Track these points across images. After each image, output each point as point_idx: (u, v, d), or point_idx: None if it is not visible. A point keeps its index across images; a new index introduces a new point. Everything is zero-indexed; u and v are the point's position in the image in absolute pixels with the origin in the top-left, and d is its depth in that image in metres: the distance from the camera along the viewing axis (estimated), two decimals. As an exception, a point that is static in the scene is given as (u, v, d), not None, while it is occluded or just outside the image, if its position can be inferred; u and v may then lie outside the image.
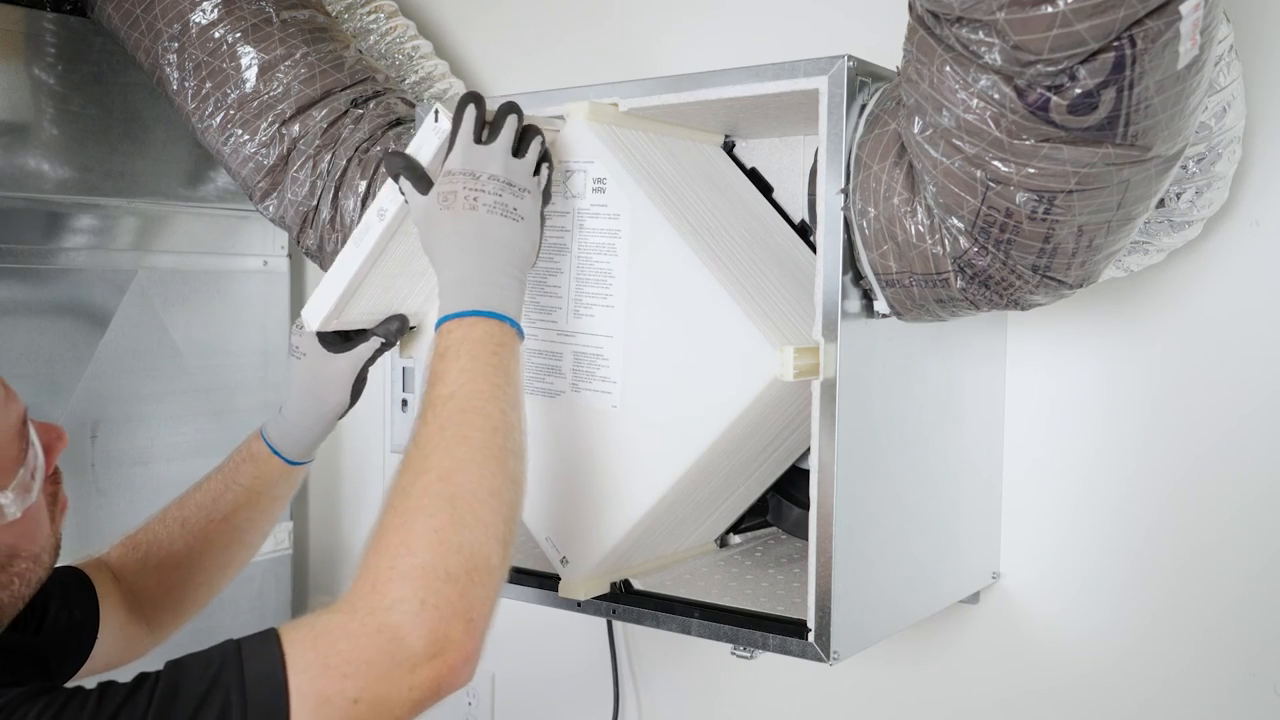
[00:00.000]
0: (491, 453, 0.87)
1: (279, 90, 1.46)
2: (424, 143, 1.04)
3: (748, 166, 1.33)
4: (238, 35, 1.45)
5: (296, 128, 1.47)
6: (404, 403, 1.78)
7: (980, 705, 1.39)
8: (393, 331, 1.18)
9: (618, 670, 1.62)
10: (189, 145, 1.75)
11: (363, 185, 1.46)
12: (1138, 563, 1.28)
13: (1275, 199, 1.19)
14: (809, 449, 1.06)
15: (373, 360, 1.18)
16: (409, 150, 1.04)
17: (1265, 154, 1.19)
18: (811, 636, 1.04)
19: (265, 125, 1.47)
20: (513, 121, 1.01)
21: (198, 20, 1.46)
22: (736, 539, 1.35)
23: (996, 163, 0.88)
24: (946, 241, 0.97)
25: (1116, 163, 0.85)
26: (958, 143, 0.89)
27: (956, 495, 1.27)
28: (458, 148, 1.00)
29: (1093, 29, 0.77)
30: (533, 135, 1.03)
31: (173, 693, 0.75)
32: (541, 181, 1.03)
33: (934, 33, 0.87)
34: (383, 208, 1.09)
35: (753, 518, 1.37)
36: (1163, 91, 0.82)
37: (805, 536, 1.08)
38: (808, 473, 1.05)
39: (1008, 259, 0.94)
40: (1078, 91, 0.81)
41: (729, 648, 1.14)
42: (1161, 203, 1.08)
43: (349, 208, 1.47)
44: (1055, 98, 0.82)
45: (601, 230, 1.11)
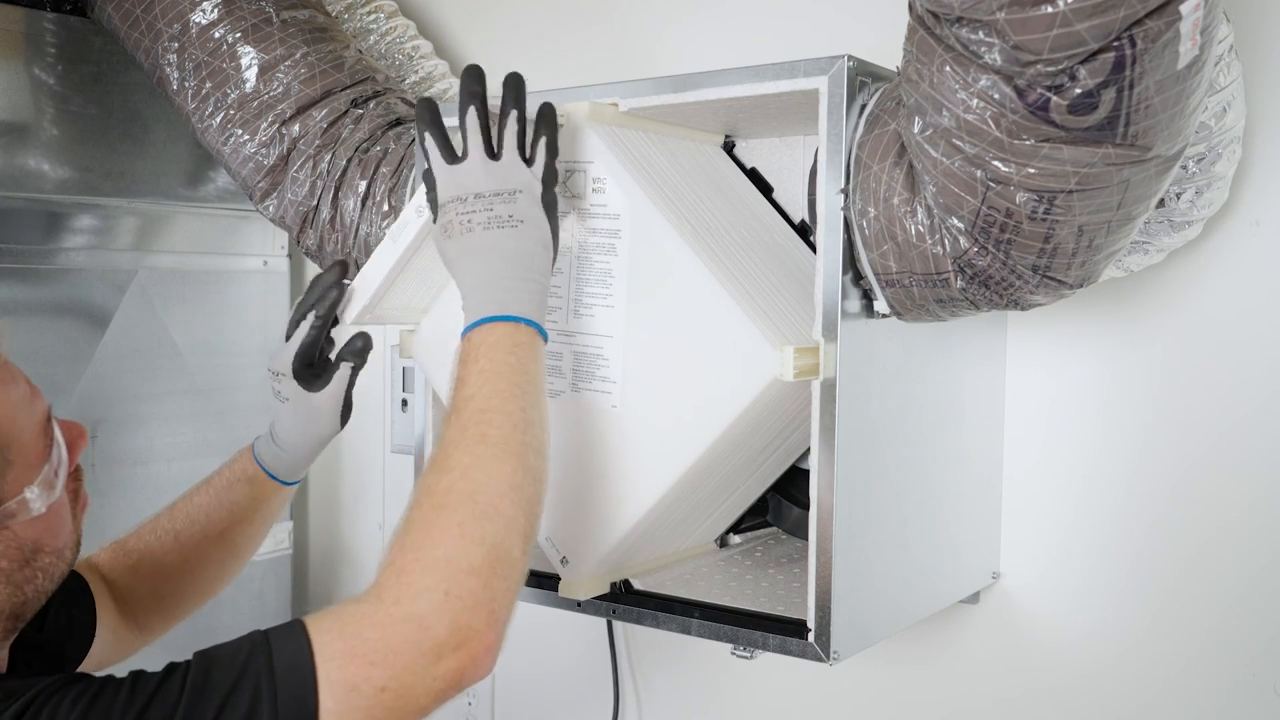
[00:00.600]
0: (511, 448, 0.88)
1: (279, 90, 1.46)
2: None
3: (748, 166, 1.33)
4: (238, 35, 1.45)
5: (296, 128, 1.47)
6: (404, 403, 1.78)
7: (980, 705, 1.39)
8: (358, 351, 1.17)
9: (618, 670, 1.62)
10: (189, 145, 1.75)
11: (363, 185, 1.46)
12: (1138, 562, 1.28)
13: (1275, 199, 1.19)
14: (809, 449, 1.06)
15: (351, 383, 1.19)
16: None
17: (1265, 154, 1.19)
18: (811, 636, 1.04)
19: (265, 125, 1.47)
20: (474, 123, 1.01)
21: (198, 20, 1.46)
22: (736, 539, 1.35)
23: (996, 163, 0.88)
24: (946, 241, 0.97)
25: (1116, 163, 0.85)
26: (958, 143, 0.89)
27: (956, 495, 1.27)
28: (437, 177, 1.02)
29: (1093, 29, 0.77)
30: (505, 123, 1.01)
31: (204, 681, 0.76)
32: (537, 168, 1.01)
33: (934, 33, 0.87)
34: (420, 205, 1.11)
35: (753, 518, 1.37)
36: (1163, 91, 0.82)
37: (805, 536, 1.08)
38: (808, 473, 1.05)
39: (1008, 259, 0.94)
40: (1078, 91, 0.81)
41: (729, 648, 1.14)
42: (1161, 203, 1.08)
43: (349, 208, 1.47)
44: (1055, 98, 0.82)
45: (601, 230, 1.11)
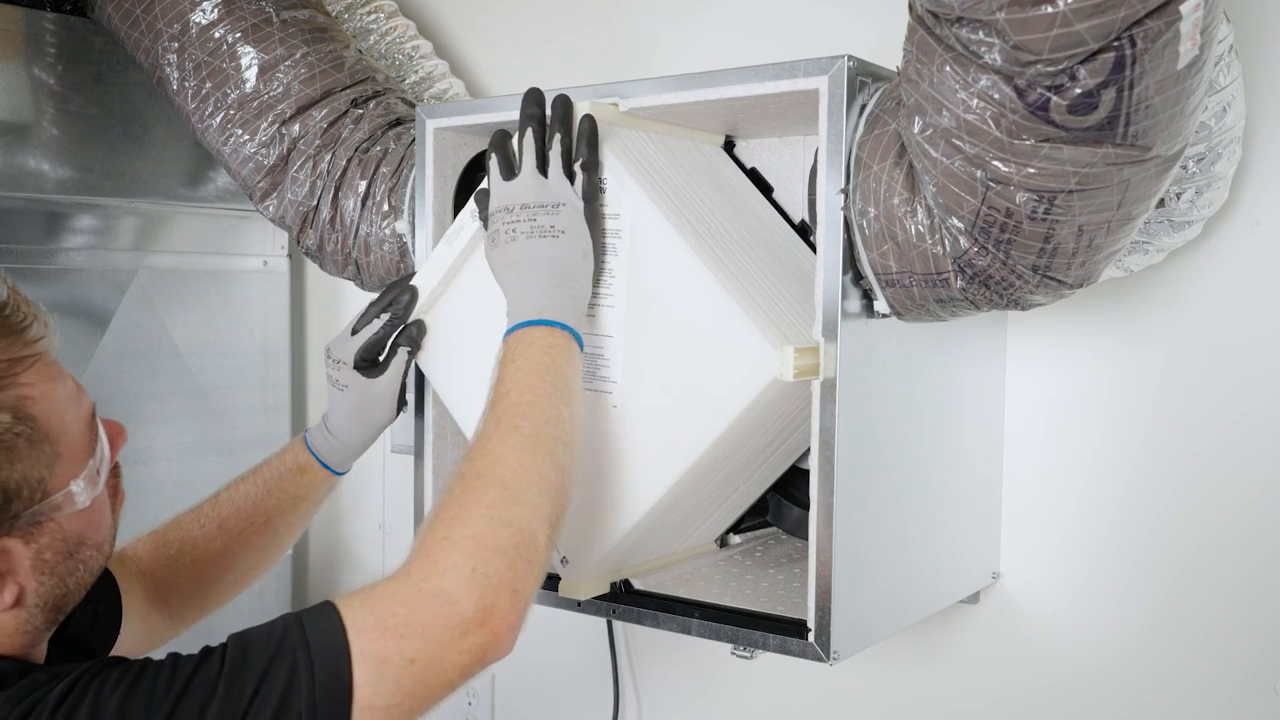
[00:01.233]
0: (542, 441, 0.93)
1: (279, 90, 1.46)
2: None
3: (748, 166, 1.33)
4: (238, 35, 1.45)
5: (296, 128, 1.47)
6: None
7: (980, 705, 1.39)
8: (414, 338, 1.21)
9: (618, 670, 1.62)
10: (189, 145, 1.75)
11: (363, 185, 1.46)
12: (1138, 563, 1.28)
13: (1275, 199, 1.19)
14: (809, 449, 1.06)
15: (408, 369, 1.23)
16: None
17: (1265, 154, 1.19)
18: (811, 636, 1.04)
19: (265, 125, 1.47)
20: (529, 143, 1.07)
21: (198, 20, 1.46)
22: (736, 539, 1.35)
23: (996, 163, 0.88)
24: (946, 241, 0.97)
25: (1116, 163, 0.85)
26: (958, 143, 0.89)
27: (956, 495, 1.27)
28: (492, 190, 1.09)
29: (1093, 29, 0.77)
30: (551, 143, 1.07)
31: (241, 659, 0.79)
32: (579, 184, 1.07)
33: (934, 33, 0.87)
34: (475, 209, 1.16)
35: (753, 518, 1.37)
36: (1163, 91, 0.82)
37: (805, 536, 1.08)
38: (808, 473, 1.05)
39: (1008, 259, 0.94)
40: (1078, 91, 0.81)
41: (729, 648, 1.14)
42: (1161, 203, 1.08)
43: (349, 208, 1.47)
44: (1055, 98, 0.82)
45: (602, 230, 1.11)
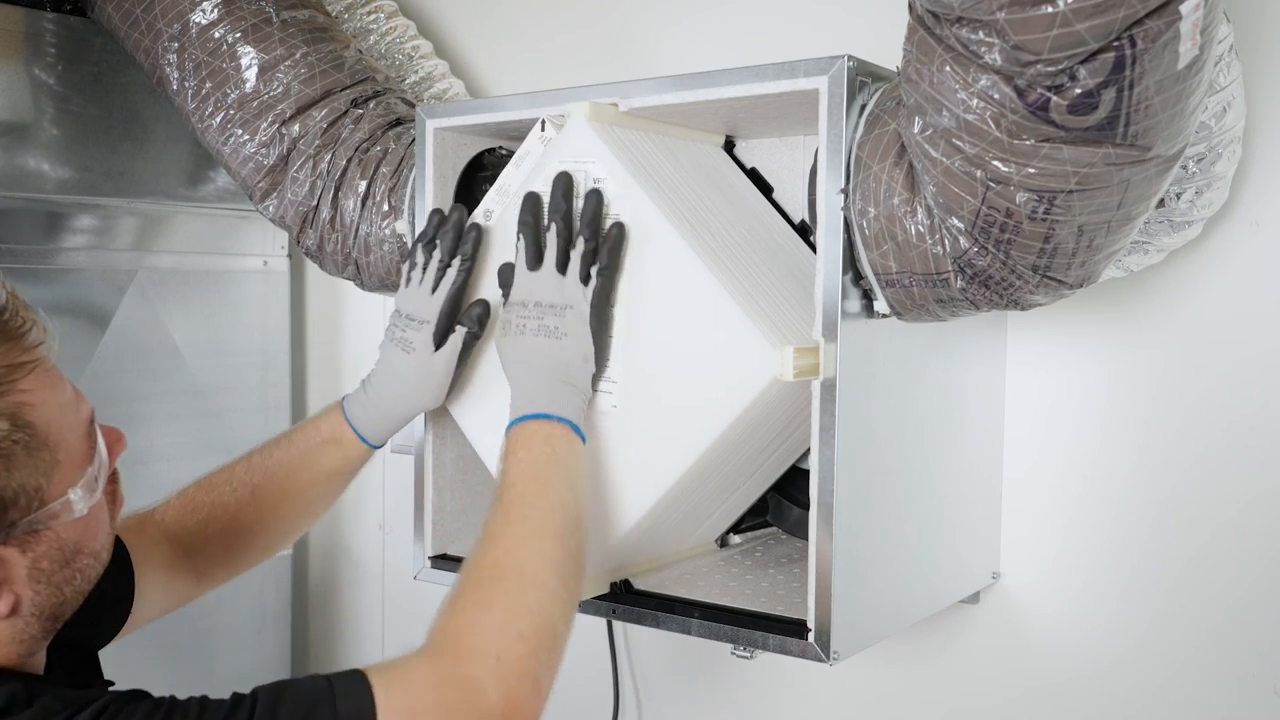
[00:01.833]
0: (550, 529, 0.96)
1: (279, 90, 1.46)
2: (528, 151, 1.22)
3: (748, 166, 1.33)
4: (238, 35, 1.45)
5: (296, 128, 1.47)
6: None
7: (980, 705, 1.39)
8: (477, 319, 1.17)
9: (618, 670, 1.62)
10: (189, 145, 1.75)
11: (363, 185, 1.46)
12: (1138, 562, 1.28)
13: (1275, 199, 1.19)
14: (809, 449, 1.06)
15: (465, 354, 1.19)
16: (515, 157, 1.23)
17: (1265, 154, 1.19)
18: (811, 636, 1.04)
19: (265, 125, 1.47)
20: (553, 240, 1.09)
21: (198, 20, 1.46)
22: (736, 539, 1.35)
23: (996, 163, 0.88)
24: (946, 241, 0.97)
25: (1116, 163, 0.85)
26: (958, 143, 0.89)
27: (956, 495, 1.27)
28: (516, 278, 1.12)
29: (1093, 29, 0.77)
30: (576, 243, 1.09)
31: (270, 717, 0.79)
32: (590, 289, 1.08)
33: (934, 33, 0.87)
34: (489, 210, 1.21)
35: (753, 518, 1.37)
36: (1163, 91, 0.82)
37: (805, 536, 1.08)
38: (808, 473, 1.05)
39: (1008, 259, 0.94)
40: (1078, 91, 0.81)
41: (729, 648, 1.14)
42: (1161, 203, 1.08)
43: (349, 208, 1.47)
44: (1055, 98, 0.82)
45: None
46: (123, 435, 0.92)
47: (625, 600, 1.18)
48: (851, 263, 1.03)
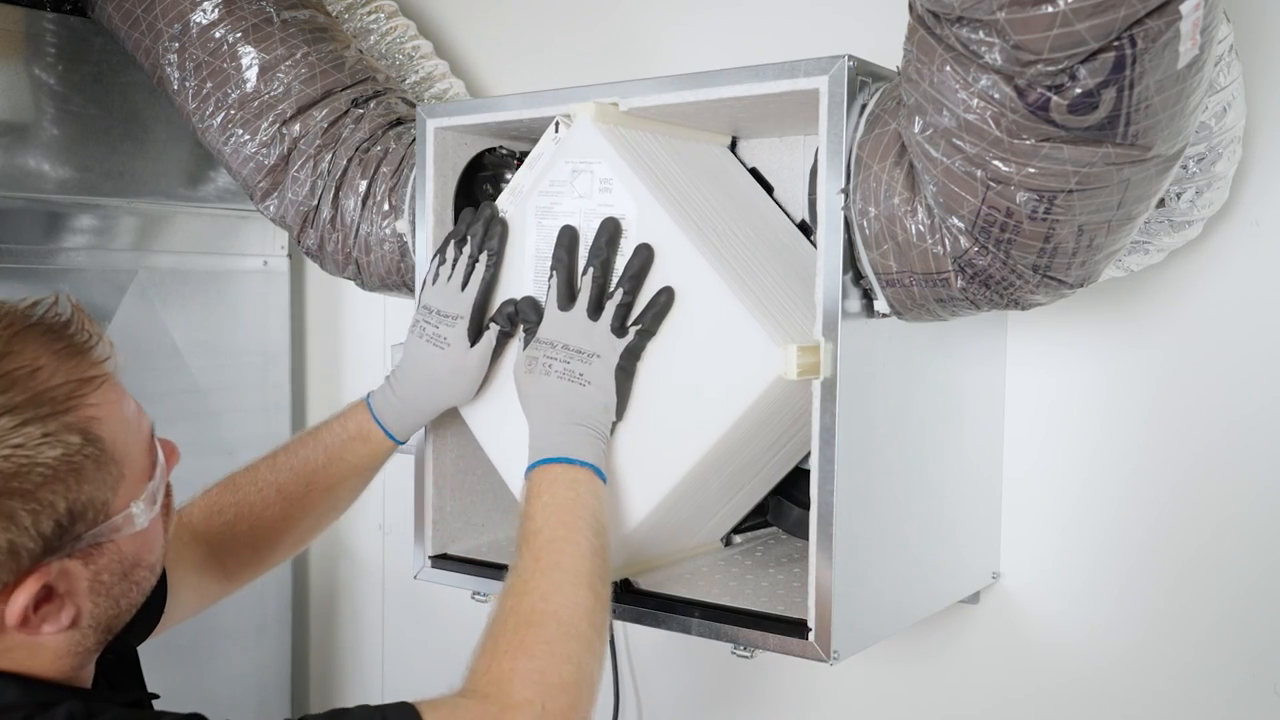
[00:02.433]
0: (583, 576, 0.96)
1: (279, 90, 1.46)
2: (541, 152, 1.20)
3: (748, 166, 1.33)
4: (238, 35, 1.45)
5: (297, 128, 1.47)
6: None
7: (980, 705, 1.39)
8: (509, 317, 1.17)
9: (618, 670, 1.62)
10: (189, 145, 1.75)
11: (363, 185, 1.46)
12: (1138, 563, 1.28)
13: (1275, 199, 1.19)
14: (810, 450, 1.06)
15: (498, 354, 1.19)
16: (529, 158, 1.21)
17: (1265, 154, 1.19)
18: (811, 636, 1.04)
19: (266, 125, 1.47)
20: (589, 282, 1.09)
21: (198, 20, 1.46)
22: (737, 539, 1.35)
23: (997, 162, 0.88)
24: (947, 241, 0.97)
25: (1117, 162, 0.85)
26: (958, 142, 0.89)
27: (956, 495, 1.27)
28: (546, 314, 1.11)
29: (1093, 29, 0.77)
30: (615, 294, 1.08)
31: None
32: (623, 341, 1.07)
33: (934, 32, 0.87)
34: (506, 203, 1.21)
35: (753, 518, 1.37)
36: (1163, 91, 0.82)
37: (805, 536, 1.08)
38: (808, 473, 1.05)
39: (1008, 259, 0.94)
40: (1078, 91, 0.81)
41: (729, 648, 1.14)
42: (1161, 203, 1.08)
43: (349, 207, 1.47)
44: (1055, 97, 0.82)
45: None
46: (177, 448, 0.92)
47: (626, 600, 1.18)
48: (852, 262, 1.03)
